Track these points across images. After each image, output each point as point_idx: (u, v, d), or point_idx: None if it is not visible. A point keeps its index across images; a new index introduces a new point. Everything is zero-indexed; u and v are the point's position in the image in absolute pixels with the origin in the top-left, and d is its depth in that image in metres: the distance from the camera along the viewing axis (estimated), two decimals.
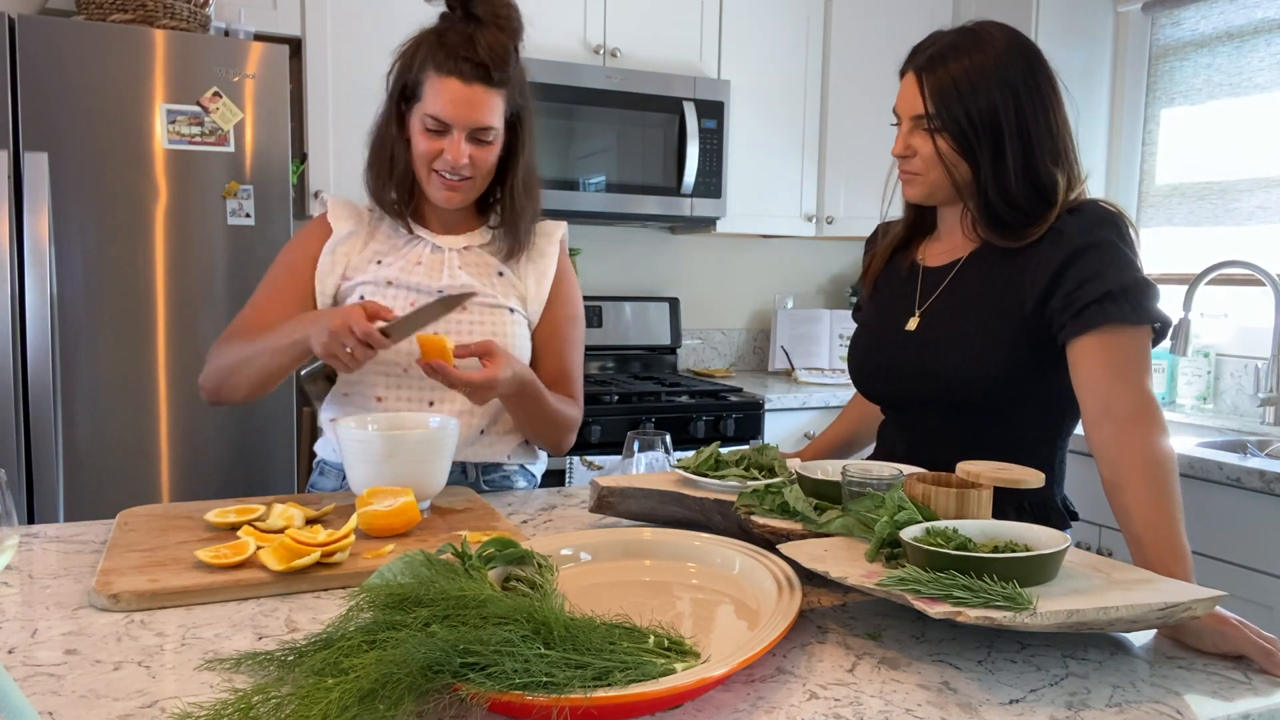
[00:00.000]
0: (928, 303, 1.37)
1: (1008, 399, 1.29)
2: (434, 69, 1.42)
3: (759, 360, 3.77)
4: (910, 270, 1.44)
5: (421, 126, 1.44)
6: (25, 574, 1.08)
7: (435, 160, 1.45)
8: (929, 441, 1.34)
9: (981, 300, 1.31)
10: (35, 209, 2.10)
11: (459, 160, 1.44)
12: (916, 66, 1.34)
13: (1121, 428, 1.15)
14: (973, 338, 1.29)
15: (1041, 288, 1.24)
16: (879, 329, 1.44)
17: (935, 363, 1.31)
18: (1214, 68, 2.77)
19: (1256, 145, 2.68)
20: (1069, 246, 1.23)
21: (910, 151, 1.36)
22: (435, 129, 1.43)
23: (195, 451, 2.30)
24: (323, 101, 2.69)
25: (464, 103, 1.41)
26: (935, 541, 0.93)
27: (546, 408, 1.49)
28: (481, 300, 1.52)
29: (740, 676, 0.83)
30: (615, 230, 3.47)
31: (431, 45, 1.43)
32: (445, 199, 1.49)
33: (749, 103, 3.29)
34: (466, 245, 1.57)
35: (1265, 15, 2.64)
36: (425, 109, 1.43)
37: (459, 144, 1.43)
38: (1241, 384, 2.68)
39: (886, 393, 1.44)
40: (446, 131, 1.43)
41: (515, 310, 1.55)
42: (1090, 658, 0.90)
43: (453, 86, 1.41)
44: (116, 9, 2.26)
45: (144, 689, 0.79)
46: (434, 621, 0.77)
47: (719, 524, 1.20)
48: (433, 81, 1.42)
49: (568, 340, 1.60)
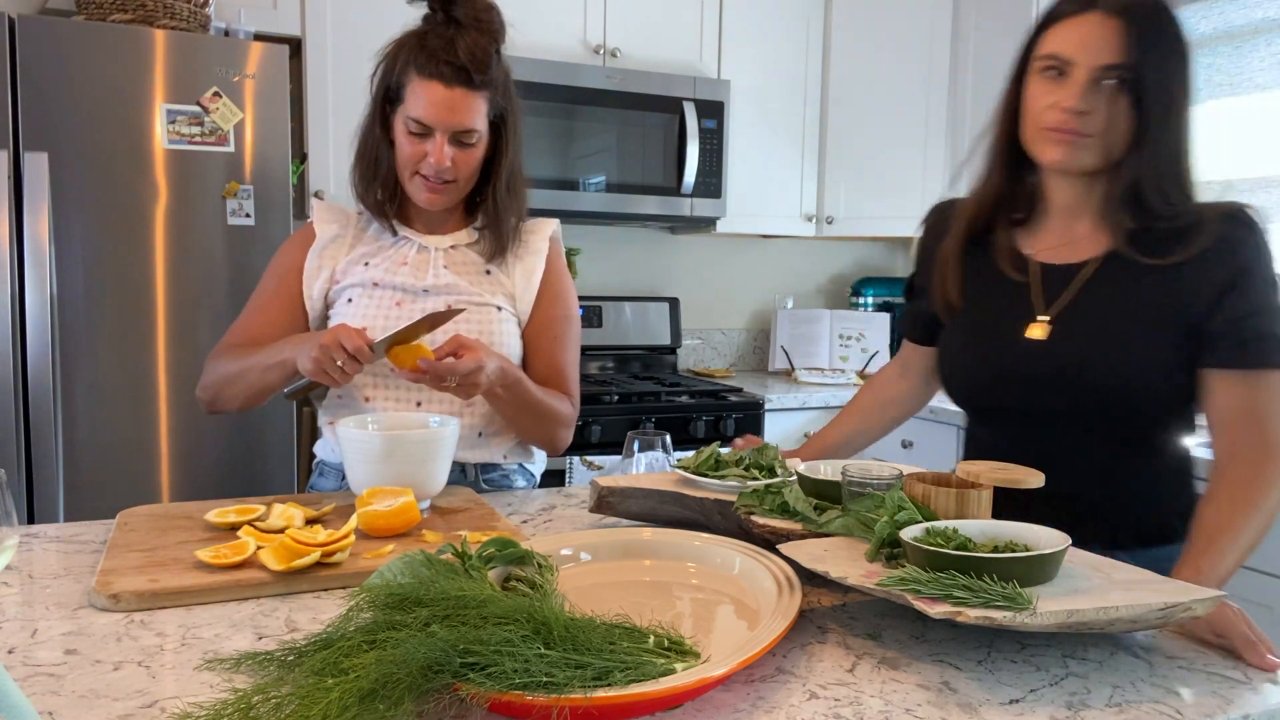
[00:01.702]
0: (1057, 306, 1.23)
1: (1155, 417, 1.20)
2: (416, 72, 1.42)
3: (759, 360, 3.77)
4: (1017, 264, 1.27)
5: (404, 129, 1.45)
6: (25, 574, 1.08)
7: (419, 163, 1.46)
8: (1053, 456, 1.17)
9: (1133, 305, 1.18)
10: (35, 209, 2.10)
11: (441, 163, 1.44)
12: (1110, 7, 1.13)
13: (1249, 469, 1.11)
14: (1132, 347, 1.16)
15: (1209, 301, 1.14)
16: (991, 333, 1.28)
17: (1084, 374, 1.18)
18: (1215, 68, 2.77)
19: (1257, 144, 2.68)
20: (1236, 263, 1.13)
21: (1089, 108, 1.14)
22: (418, 131, 1.44)
23: (195, 451, 2.30)
24: (323, 101, 2.69)
25: (445, 106, 1.42)
26: (935, 541, 0.93)
27: (532, 399, 1.48)
28: (468, 299, 1.52)
29: (740, 676, 0.83)
30: (615, 230, 3.47)
31: (413, 48, 1.43)
32: (428, 201, 1.50)
33: (749, 103, 3.29)
34: (453, 245, 1.57)
35: (1265, 15, 2.64)
36: (408, 112, 1.44)
37: (441, 147, 1.44)
38: None
39: (1010, 404, 1.27)
40: (429, 134, 1.44)
41: (503, 309, 1.55)
42: (1090, 658, 0.90)
43: (434, 89, 1.41)
44: (116, 9, 2.26)
45: (144, 689, 0.79)
46: (434, 621, 0.77)
47: (719, 524, 1.20)
48: (415, 84, 1.42)
49: (559, 338, 1.59)
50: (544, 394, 1.51)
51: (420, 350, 1.34)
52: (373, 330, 1.45)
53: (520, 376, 1.46)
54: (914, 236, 1.48)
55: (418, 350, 1.34)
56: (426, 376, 1.33)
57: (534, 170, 2.86)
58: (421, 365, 1.32)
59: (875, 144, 3.39)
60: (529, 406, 1.49)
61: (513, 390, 1.45)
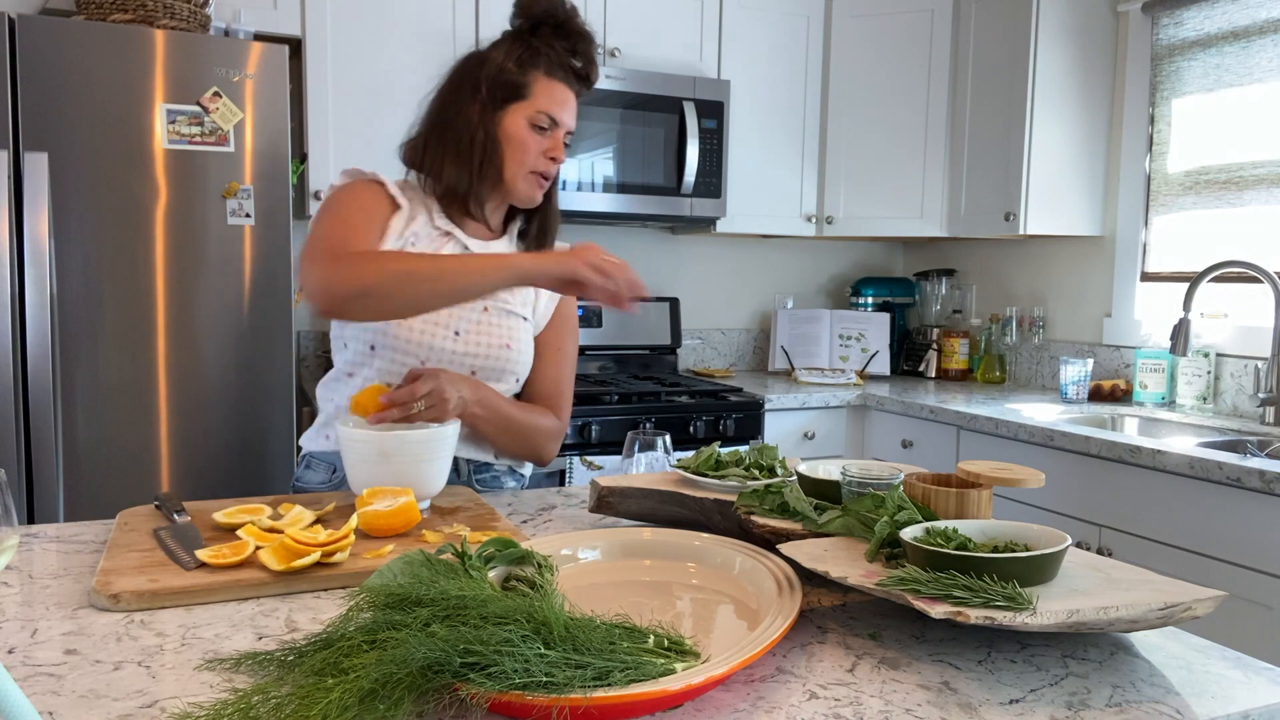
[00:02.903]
0: None
1: None
2: (544, 71, 1.49)
3: (759, 360, 3.77)
4: None
5: (528, 124, 1.49)
6: (25, 574, 1.08)
7: (539, 157, 1.50)
8: None
9: None
10: (35, 209, 2.10)
11: (562, 156, 1.52)
12: None
13: None
14: None
15: None
16: None
17: None
18: (1223, 68, 2.77)
19: (1263, 137, 2.68)
20: None
21: None
22: (545, 126, 1.50)
23: (195, 451, 2.30)
24: (323, 101, 2.69)
25: (568, 107, 1.51)
26: (935, 541, 0.93)
27: (511, 418, 1.51)
28: (503, 306, 1.55)
29: (740, 676, 0.83)
30: (615, 230, 3.47)
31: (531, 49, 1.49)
32: (533, 197, 1.54)
33: (749, 103, 3.29)
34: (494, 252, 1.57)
35: (1270, 15, 2.64)
36: (537, 106, 1.49)
37: (560, 141, 1.51)
38: (1241, 384, 2.68)
39: None
40: (551, 130, 1.50)
41: (527, 319, 1.59)
42: (1090, 658, 0.90)
43: (562, 90, 1.50)
44: (116, 9, 2.26)
45: (144, 689, 0.79)
46: (434, 621, 0.77)
47: (719, 524, 1.20)
48: (544, 84, 1.49)
49: (564, 353, 1.64)
50: (523, 411, 1.53)
51: (379, 389, 1.37)
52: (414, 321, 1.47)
53: (495, 397, 1.49)
54: (915, 236, 1.49)
55: (377, 390, 1.37)
56: (393, 411, 1.35)
57: None
58: (382, 400, 1.35)
59: (875, 144, 3.39)
60: (508, 424, 1.51)
61: (489, 408, 1.47)
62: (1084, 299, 3.22)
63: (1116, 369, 3.07)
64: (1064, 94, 3.01)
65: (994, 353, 3.42)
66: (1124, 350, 3.06)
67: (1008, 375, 3.46)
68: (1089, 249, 3.20)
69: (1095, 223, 3.12)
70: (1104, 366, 3.11)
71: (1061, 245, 3.29)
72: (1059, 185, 3.03)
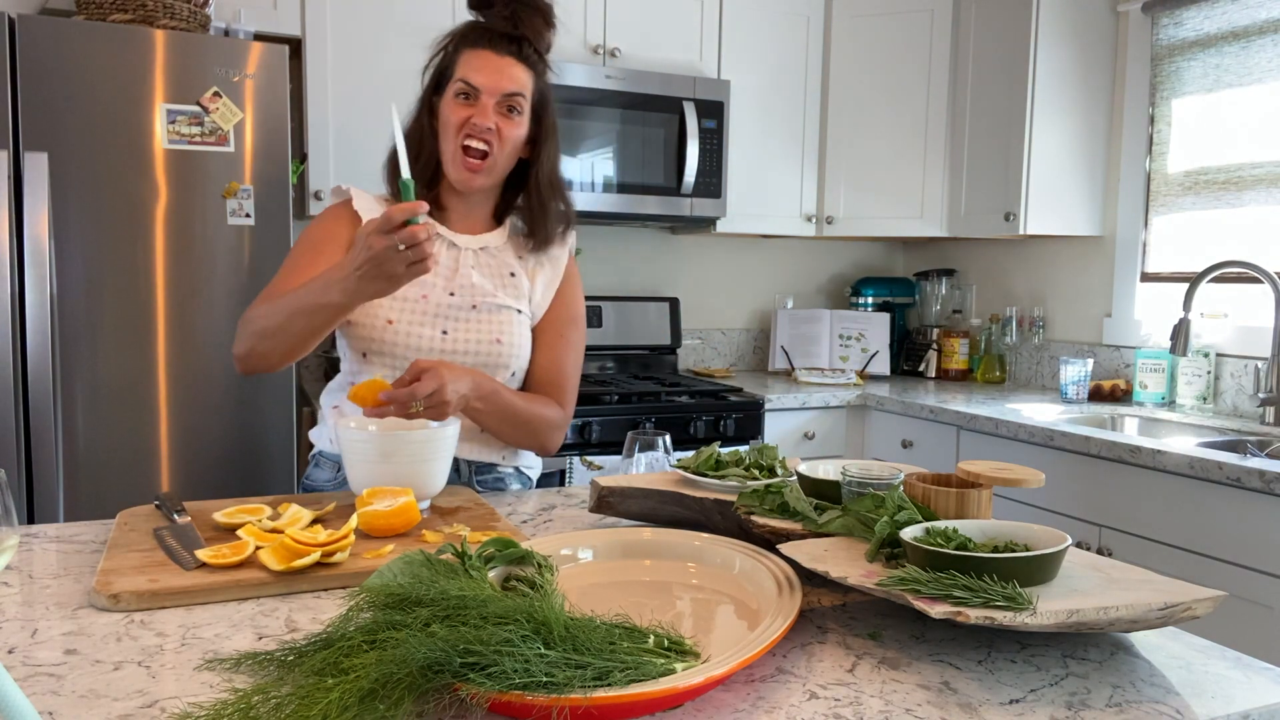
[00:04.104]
0: None
1: None
2: (468, 46, 1.46)
3: (759, 360, 3.77)
4: None
5: (451, 97, 1.46)
6: (25, 574, 1.08)
7: (462, 128, 1.45)
8: None
9: None
10: (35, 209, 2.10)
11: (485, 121, 1.44)
12: None
13: None
14: None
15: None
16: None
17: None
18: (1223, 68, 2.77)
19: (1263, 137, 2.68)
20: None
21: None
22: (465, 93, 1.45)
23: (195, 451, 2.30)
24: (323, 101, 2.69)
25: (494, 70, 1.45)
26: (935, 541, 0.93)
27: (512, 408, 1.48)
28: (493, 301, 1.53)
29: (740, 676, 0.83)
30: (615, 230, 3.47)
31: (465, 32, 1.48)
32: (467, 179, 1.49)
33: (749, 103, 3.29)
34: (483, 246, 1.57)
35: (1270, 15, 2.64)
36: (456, 77, 1.46)
37: (488, 108, 1.45)
38: (1241, 384, 2.68)
39: None
40: (476, 98, 1.45)
41: (522, 311, 1.57)
42: (1090, 658, 0.90)
43: (485, 55, 1.45)
44: (116, 9, 2.26)
45: (144, 689, 0.79)
46: (434, 621, 0.77)
47: (719, 524, 1.20)
48: (466, 55, 1.46)
49: (564, 341, 1.60)
50: (525, 401, 1.51)
51: (379, 384, 1.35)
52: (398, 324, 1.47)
53: (496, 388, 1.46)
54: (915, 236, 1.48)
55: (377, 385, 1.35)
56: (390, 408, 1.33)
57: None
58: (382, 397, 1.33)
59: (875, 144, 3.39)
60: (510, 415, 1.49)
61: (490, 401, 1.45)
62: (1084, 299, 3.22)
63: (1116, 369, 3.07)
64: (1064, 94, 3.01)
65: (994, 353, 3.42)
66: (1124, 350, 3.06)
67: (1008, 375, 3.46)
68: (1089, 249, 3.20)
69: (1095, 223, 3.12)
70: (1104, 366, 3.11)
71: (1061, 245, 3.29)
72: (1059, 185, 3.03)
